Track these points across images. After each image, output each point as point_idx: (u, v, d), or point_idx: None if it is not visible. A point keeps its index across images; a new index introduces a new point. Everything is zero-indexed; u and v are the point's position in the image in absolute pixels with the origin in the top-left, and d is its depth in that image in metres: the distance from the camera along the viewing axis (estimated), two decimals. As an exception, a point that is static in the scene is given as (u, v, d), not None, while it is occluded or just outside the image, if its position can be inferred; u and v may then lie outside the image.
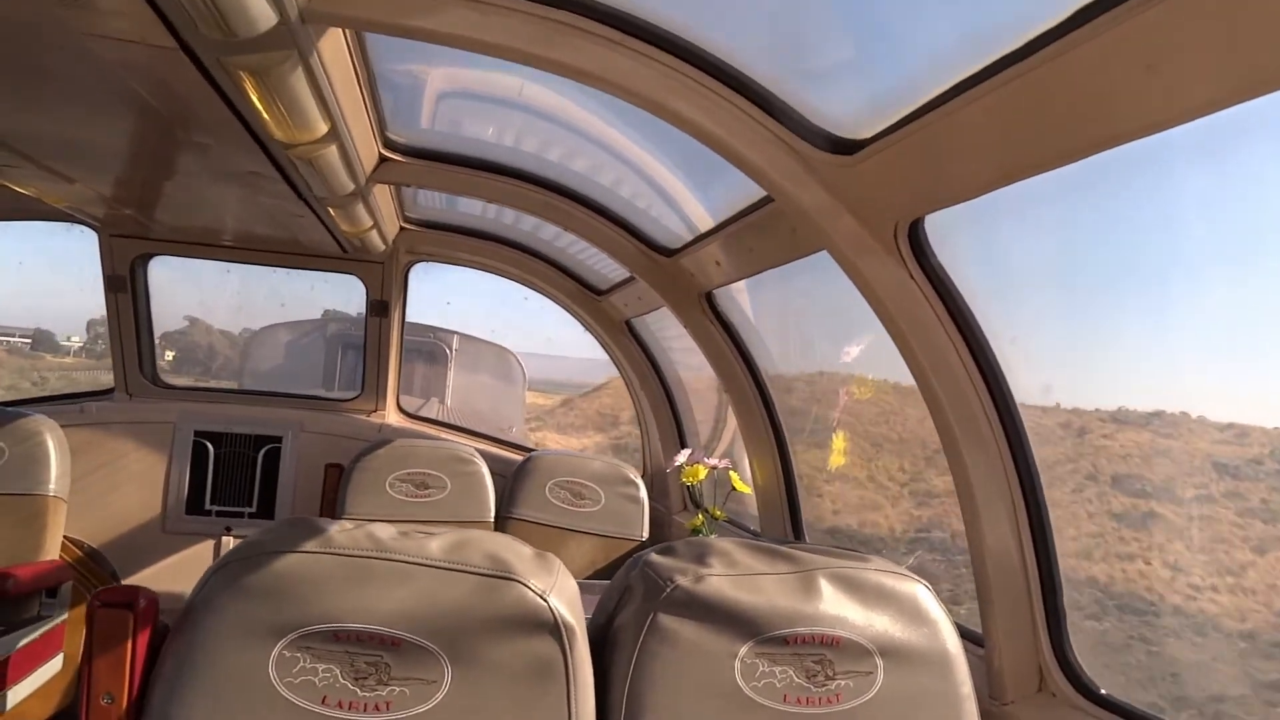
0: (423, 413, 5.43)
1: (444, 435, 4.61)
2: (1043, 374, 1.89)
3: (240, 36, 1.54)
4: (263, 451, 4.33)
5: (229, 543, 4.26)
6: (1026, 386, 1.78)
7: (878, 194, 1.71)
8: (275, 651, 1.32)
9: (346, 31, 1.92)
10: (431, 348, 10.13)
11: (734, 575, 1.50)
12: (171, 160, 2.66)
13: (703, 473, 2.96)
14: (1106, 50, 1.13)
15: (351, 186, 2.76)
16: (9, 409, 3.79)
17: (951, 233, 1.74)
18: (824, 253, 2.16)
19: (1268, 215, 1.47)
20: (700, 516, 3.04)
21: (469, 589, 1.37)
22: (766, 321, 3.04)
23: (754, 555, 1.55)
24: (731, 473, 2.98)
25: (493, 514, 4.02)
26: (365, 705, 1.33)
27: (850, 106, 1.70)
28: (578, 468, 4.11)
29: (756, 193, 2.23)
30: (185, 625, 1.35)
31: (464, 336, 10.58)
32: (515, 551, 1.45)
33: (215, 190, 3.08)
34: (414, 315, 4.90)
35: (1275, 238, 1.47)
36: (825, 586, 1.50)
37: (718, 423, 4.50)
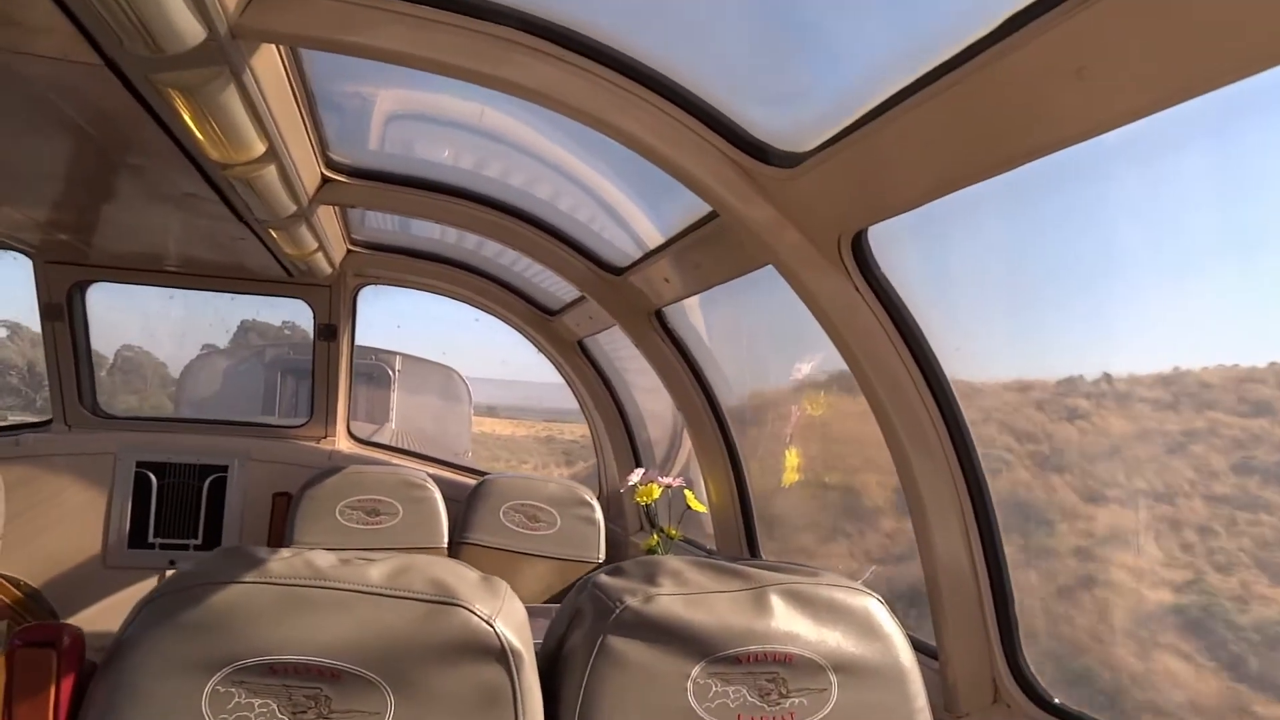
0: (372, 437, 5.34)
1: (396, 460, 4.54)
2: (986, 380, 1.90)
3: (168, 53, 1.49)
4: (208, 481, 4.22)
5: None
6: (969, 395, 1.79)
7: (820, 206, 1.71)
8: (209, 688, 1.26)
9: (282, 49, 1.88)
10: (373, 369, 9.97)
11: (684, 594, 1.48)
12: (107, 183, 2.59)
13: (657, 492, 2.94)
14: (1037, 57, 1.14)
15: (293, 208, 2.71)
16: None
17: (895, 243, 1.74)
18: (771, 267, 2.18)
19: (1198, 216, 1.50)
20: (655, 536, 3.01)
21: (411, 616, 1.33)
22: (718, 338, 3.03)
23: (705, 573, 1.53)
24: (686, 491, 2.96)
25: (446, 539, 3.96)
26: None
27: (792, 120, 1.70)
28: (532, 490, 4.06)
29: (704, 208, 2.23)
30: (113, 663, 1.29)
31: (406, 357, 10.44)
32: (460, 576, 1.41)
33: (153, 213, 3.01)
34: (363, 339, 4.84)
35: (1205, 237, 1.50)
36: (777, 603, 1.49)
37: (674, 442, 4.49)
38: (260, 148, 2.09)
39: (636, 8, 1.74)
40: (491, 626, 1.35)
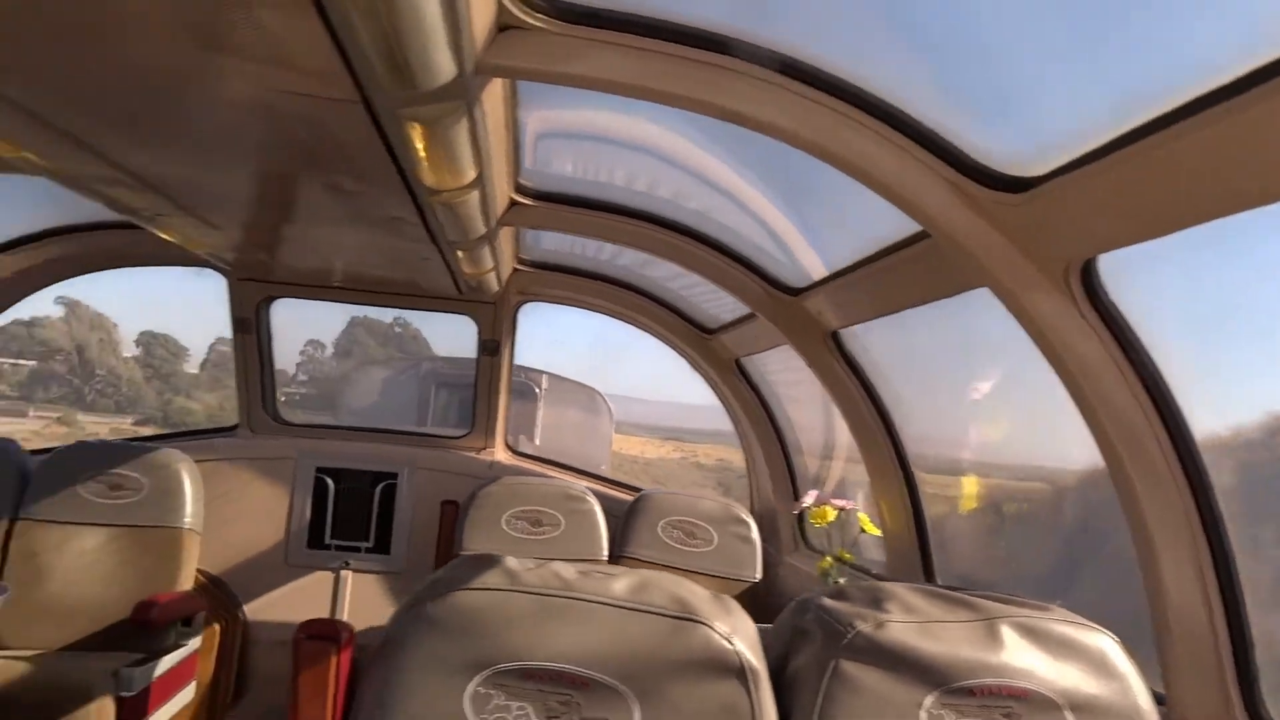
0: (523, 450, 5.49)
1: (551, 473, 4.65)
2: (1228, 418, 1.81)
3: (420, 89, 1.60)
4: (379, 487, 4.42)
5: (348, 576, 4.34)
6: (1212, 428, 1.71)
7: (1049, 232, 1.67)
8: (470, 688, 1.33)
9: (504, 80, 1.98)
10: (521, 386, 10.28)
11: (915, 622, 1.46)
12: (320, 208, 2.76)
13: (831, 514, 2.92)
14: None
15: (483, 230, 2.83)
16: (147, 444, 3.95)
17: (1126, 273, 1.69)
18: (967, 294, 2.14)
19: None
20: (829, 559, 2.99)
21: (655, 630, 1.37)
22: (896, 361, 2.99)
23: (930, 601, 1.51)
24: (861, 515, 2.93)
25: (606, 552, 4.03)
26: None
27: (1021, 144, 1.67)
28: (689, 507, 4.09)
29: (898, 231, 2.21)
30: (381, 659, 1.38)
31: (552, 376, 10.74)
32: (696, 593, 1.44)
33: (348, 234, 3.18)
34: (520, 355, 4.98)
35: None
36: (1009, 635, 1.46)
37: (825, 463, 4.44)
38: (472, 174, 2.20)
39: (857, 33, 1.75)
40: (732, 644, 1.37)
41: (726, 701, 1.36)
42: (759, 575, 4.02)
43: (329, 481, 4.39)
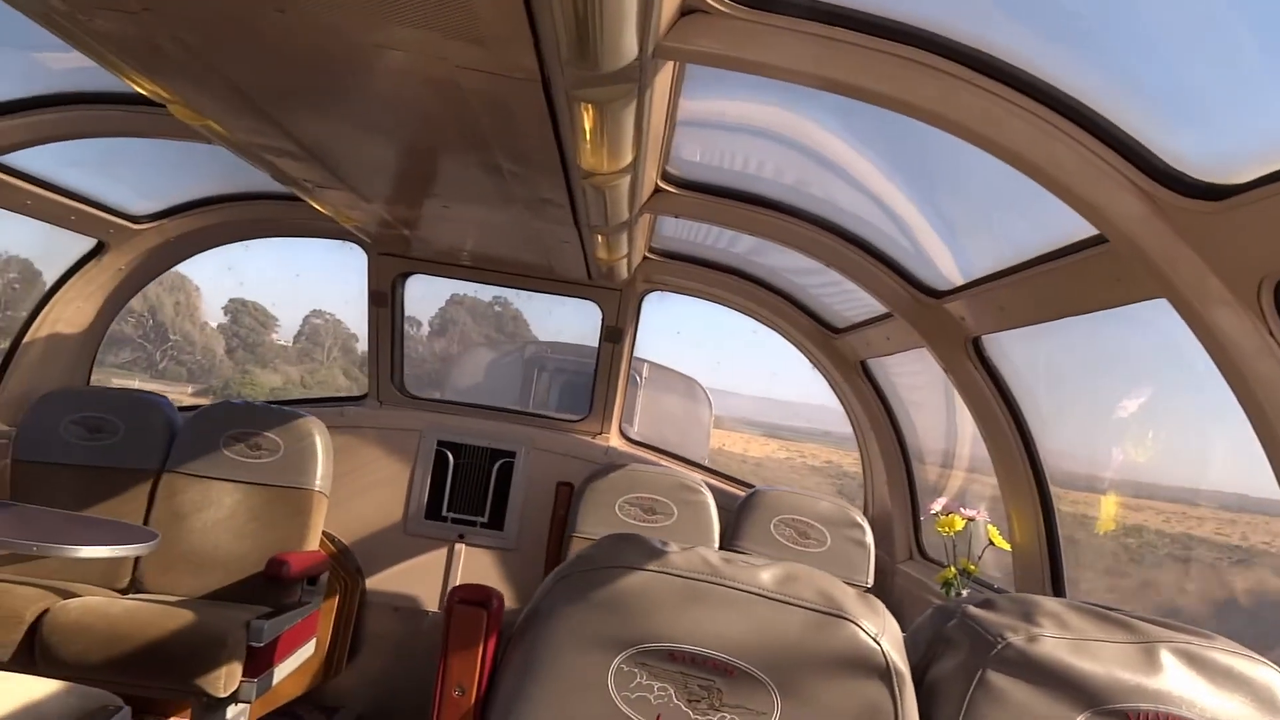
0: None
1: (663, 462, 4.67)
2: None
3: (600, 70, 1.62)
4: (497, 465, 4.52)
5: (461, 549, 4.46)
6: None
7: (1243, 245, 1.59)
8: (615, 664, 1.35)
9: (675, 64, 1.99)
10: (623, 375, 10.34)
11: (1069, 639, 1.42)
12: (473, 186, 2.83)
13: (960, 524, 2.85)
14: None
15: (626, 215, 2.85)
16: (286, 409, 4.14)
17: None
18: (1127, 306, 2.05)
19: None
20: (952, 569, 2.92)
21: (801, 623, 1.36)
22: (1039, 372, 2.89)
23: (1086, 619, 1.46)
24: (990, 527, 2.85)
25: (717, 545, 4.03)
26: None
27: (1214, 150, 1.60)
28: (803, 506, 4.06)
29: (1062, 236, 2.13)
30: (529, 628, 1.41)
31: (654, 364, 10.78)
32: (843, 590, 1.43)
33: (495, 214, 3.25)
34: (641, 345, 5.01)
35: None
36: (1169, 661, 1.40)
37: (945, 469, 4.34)
38: (629, 158, 2.22)
39: (1045, 28, 1.69)
40: (878, 644, 1.36)
41: (869, 701, 1.34)
42: (870, 581, 3.95)
43: (449, 455, 4.51)
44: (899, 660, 1.37)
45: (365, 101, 2.18)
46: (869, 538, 4.02)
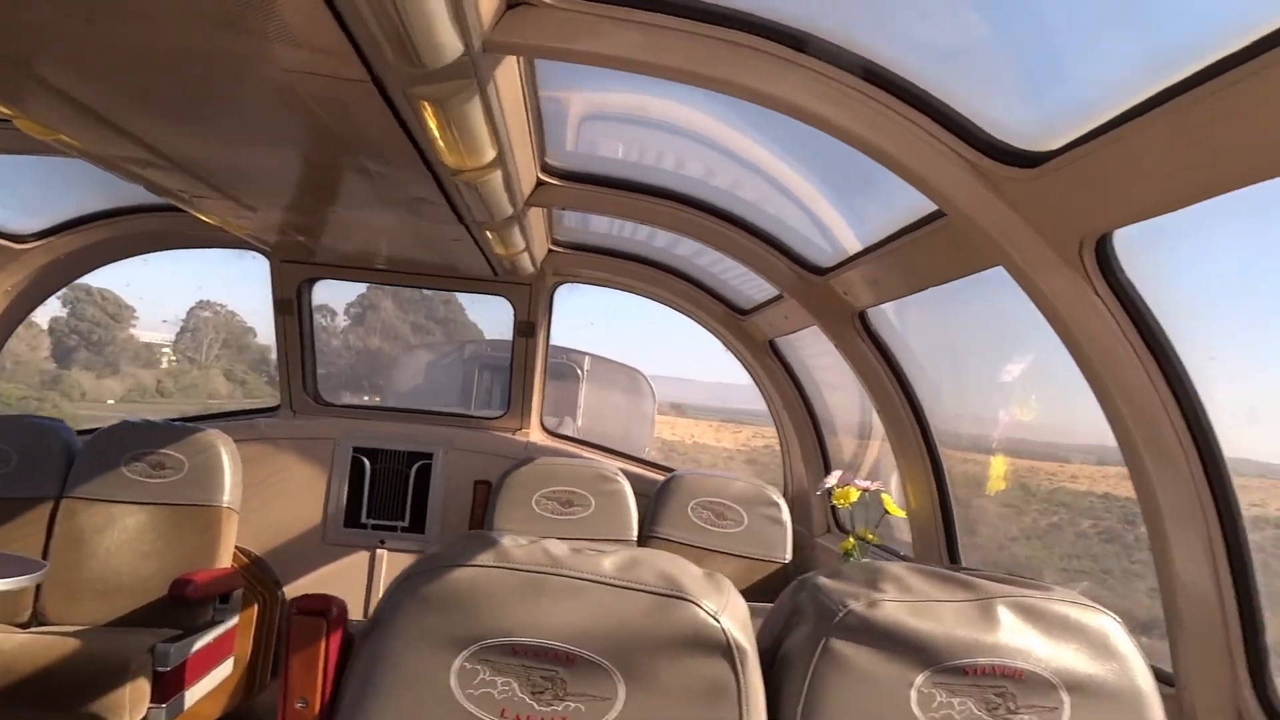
0: (561, 431, 5.54)
1: (585, 454, 4.68)
2: (1247, 394, 1.76)
3: (428, 68, 1.61)
4: (415, 467, 4.49)
5: (383, 555, 4.43)
6: (1230, 407, 1.66)
7: (1062, 208, 1.64)
8: (457, 663, 1.36)
9: (520, 59, 1.99)
10: (563, 368, 10.34)
11: (909, 601, 1.45)
12: (345, 188, 2.81)
13: (854, 495, 2.90)
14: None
15: (510, 210, 2.85)
16: (188, 424, 4.07)
17: (1140, 248, 1.65)
18: (988, 271, 2.10)
19: None
20: (851, 539, 2.97)
21: (643, 607, 1.38)
22: (922, 342, 2.96)
23: (928, 581, 1.50)
24: (885, 495, 2.91)
25: (636, 533, 4.06)
26: (543, 719, 1.35)
27: (1034, 118, 1.64)
28: (720, 488, 4.10)
29: (921, 208, 2.18)
30: (373, 634, 1.41)
31: (595, 357, 10.78)
32: (686, 571, 1.45)
33: (380, 215, 3.23)
34: (556, 336, 5.01)
35: None
36: (1006, 616, 1.44)
37: (860, 445, 4.41)
38: (491, 154, 2.21)
39: (869, 8, 1.72)
40: (718, 622, 1.38)
41: (713, 679, 1.36)
42: (789, 557, 4.01)
43: (366, 461, 4.47)
44: (741, 637, 1.39)
45: (212, 107, 2.14)
46: (785, 515, 4.07)
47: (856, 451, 4.41)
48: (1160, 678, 1.80)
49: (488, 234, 3.19)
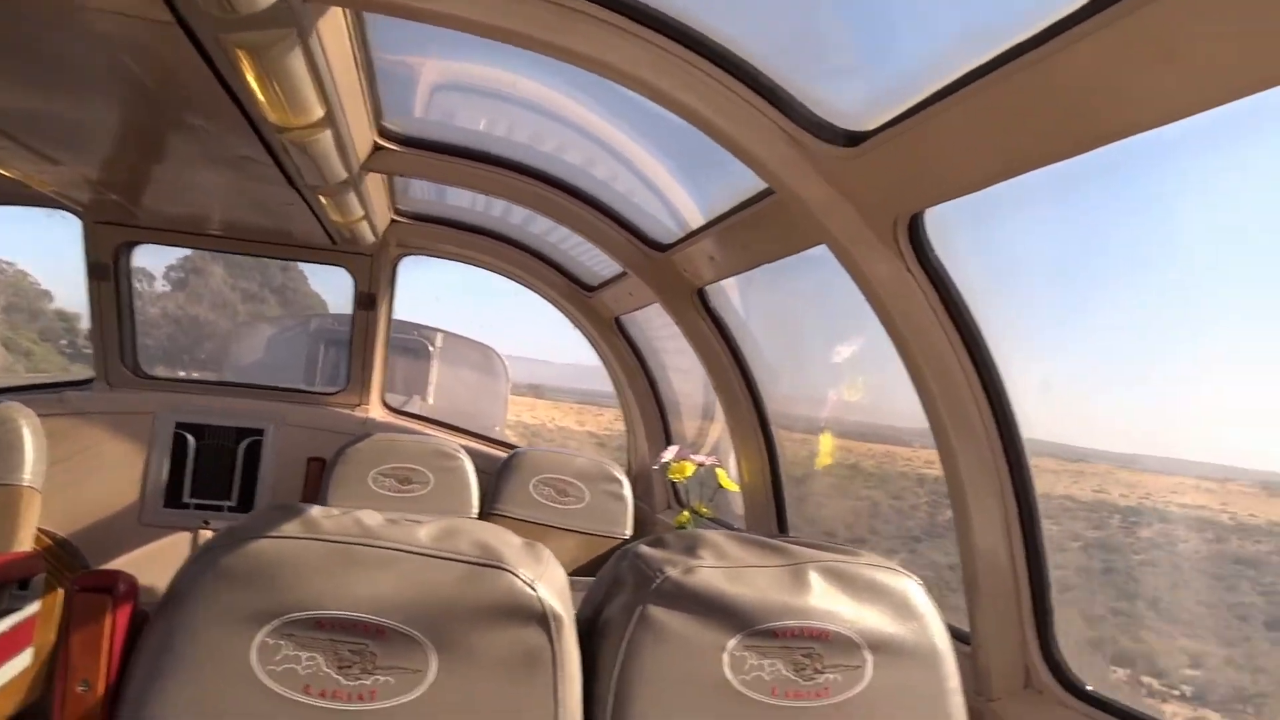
0: (406, 409, 5.39)
1: (428, 430, 4.58)
2: (1040, 369, 1.89)
3: (240, 13, 1.52)
4: (244, 444, 4.28)
5: (206, 536, 4.20)
6: (1024, 383, 1.78)
7: (878, 187, 1.70)
8: (258, 639, 1.30)
9: (347, 13, 1.90)
10: (414, 344, 10.10)
11: (724, 567, 1.49)
12: (161, 143, 2.63)
13: (689, 469, 2.95)
14: (1110, 43, 1.12)
15: (344, 174, 2.73)
16: None
17: (952, 228, 1.73)
18: (822, 249, 2.17)
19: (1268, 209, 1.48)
20: (685, 513, 3.03)
21: (456, 577, 1.36)
22: (759, 320, 3.03)
23: (744, 548, 1.54)
24: (719, 470, 2.97)
25: (476, 510, 4.00)
26: (349, 694, 1.31)
27: (854, 98, 1.69)
28: (562, 465, 4.09)
29: (754, 186, 2.22)
30: (166, 611, 1.33)
31: (448, 334, 10.57)
32: (504, 540, 1.43)
33: (205, 176, 3.04)
34: (400, 310, 4.88)
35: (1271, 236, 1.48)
36: (815, 580, 1.50)
37: (706, 423, 4.50)
38: (319, 112, 2.11)
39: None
40: (534, 590, 1.37)
41: (528, 647, 1.36)
42: (629, 532, 4.05)
43: (190, 438, 4.23)
44: (557, 605, 1.39)
45: (12, 49, 1.95)
46: (627, 490, 4.10)
47: (701, 430, 4.49)
48: (959, 637, 1.93)
49: (322, 199, 3.05)
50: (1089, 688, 1.80)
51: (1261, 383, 1.75)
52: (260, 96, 1.94)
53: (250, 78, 1.84)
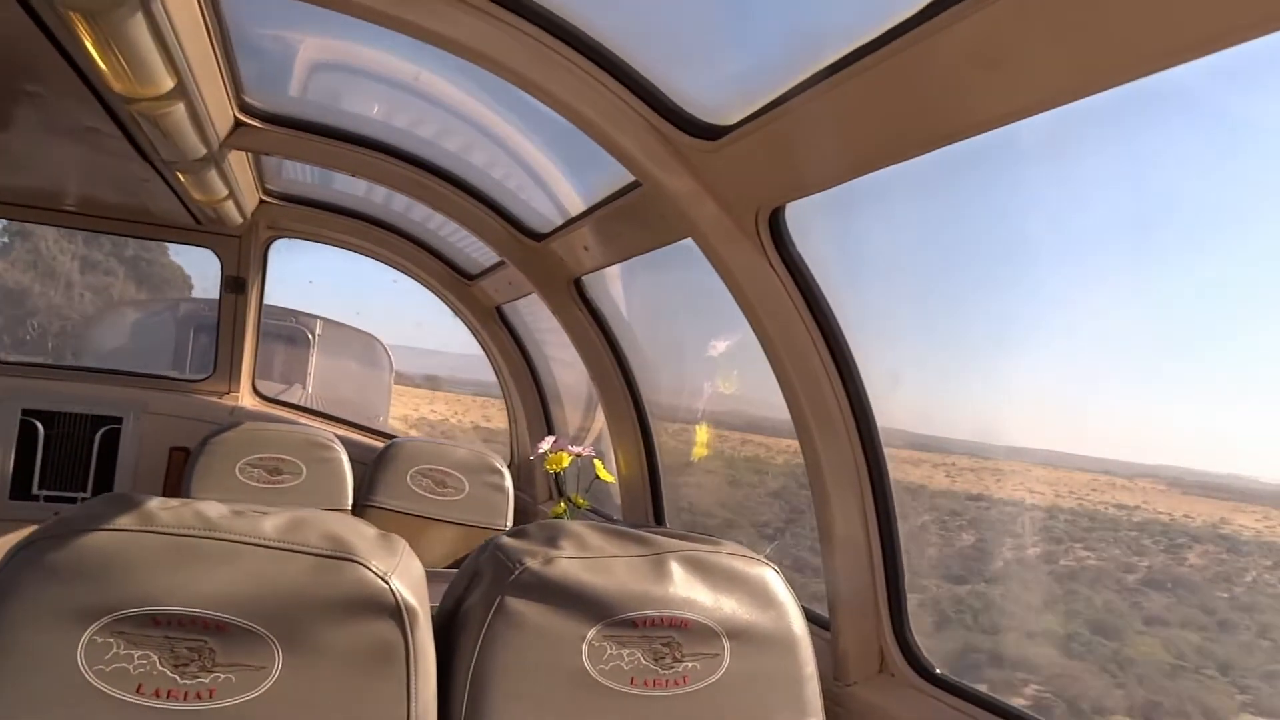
0: (283, 398, 5.20)
1: (302, 420, 4.43)
2: (891, 362, 1.95)
3: None
4: (100, 433, 4.05)
5: None
6: (877, 374, 1.83)
7: (740, 181, 1.72)
8: (85, 637, 1.22)
9: None
10: (292, 332, 9.74)
11: (584, 557, 1.49)
12: (2, 114, 2.45)
13: (566, 460, 2.94)
14: (955, 43, 1.16)
15: (203, 150, 2.61)
16: None
17: (812, 222, 1.77)
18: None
19: (1100, 208, 1.57)
20: (562, 504, 3.02)
21: (303, 570, 1.31)
22: (636, 311, 3.04)
23: (606, 538, 1.54)
24: (595, 461, 2.97)
25: (350, 502, 3.89)
26: (185, 694, 1.24)
27: (718, 92, 1.70)
28: (441, 455, 4.01)
29: (627, 177, 2.22)
30: None
31: (328, 322, 10.23)
32: (357, 532, 1.39)
33: (51, 148, 2.86)
34: (272, 295, 4.69)
35: (1113, 232, 1.57)
36: (676, 569, 1.51)
37: (588, 415, 4.49)
38: (169, 83, 2.00)
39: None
40: (387, 583, 1.33)
41: (380, 641, 1.32)
42: (509, 523, 4.01)
43: (39, 425, 3.97)
44: (411, 598, 1.36)
45: None
46: (508, 482, 4.06)
47: (585, 421, 4.48)
48: (819, 622, 1.98)
49: (180, 176, 2.91)
50: (939, 670, 1.87)
51: (1099, 373, 1.86)
52: (102, 65, 1.83)
53: (88, 44, 1.72)
